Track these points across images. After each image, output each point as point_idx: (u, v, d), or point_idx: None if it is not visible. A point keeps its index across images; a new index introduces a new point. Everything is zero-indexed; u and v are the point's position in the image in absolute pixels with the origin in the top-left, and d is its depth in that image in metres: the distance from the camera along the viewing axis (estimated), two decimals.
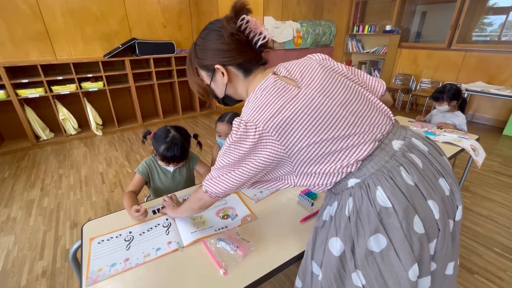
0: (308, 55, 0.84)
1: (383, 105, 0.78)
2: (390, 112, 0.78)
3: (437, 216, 0.67)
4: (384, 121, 0.75)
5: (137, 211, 1.04)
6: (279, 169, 0.75)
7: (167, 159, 1.25)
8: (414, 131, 0.78)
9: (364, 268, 0.67)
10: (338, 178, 0.71)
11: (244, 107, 0.74)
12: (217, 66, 0.75)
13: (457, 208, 0.74)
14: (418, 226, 0.64)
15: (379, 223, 0.64)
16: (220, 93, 0.83)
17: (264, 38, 0.74)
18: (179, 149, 1.24)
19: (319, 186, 0.74)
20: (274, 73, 0.76)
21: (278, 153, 0.69)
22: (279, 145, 0.68)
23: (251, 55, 0.75)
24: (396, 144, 0.71)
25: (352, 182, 0.71)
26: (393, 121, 0.77)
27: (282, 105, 0.68)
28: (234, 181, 0.75)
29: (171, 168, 1.34)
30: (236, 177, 0.74)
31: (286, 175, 0.77)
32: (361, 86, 0.79)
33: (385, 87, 0.85)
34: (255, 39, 0.73)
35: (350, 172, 0.70)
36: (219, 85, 0.81)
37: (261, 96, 0.71)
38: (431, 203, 0.66)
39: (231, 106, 0.90)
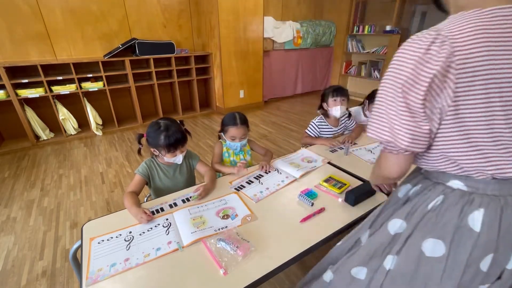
0: None
1: None
2: None
3: (509, 267, 0.62)
4: None
5: (145, 213, 1.05)
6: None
7: (172, 145, 1.24)
8: None
9: (404, 259, 0.66)
10: (449, 170, 0.65)
11: (448, 20, 0.61)
12: None
13: None
14: (484, 263, 0.60)
15: (452, 234, 0.61)
16: None
17: None
18: (177, 130, 1.26)
19: (427, 164, 0.69)
20: None
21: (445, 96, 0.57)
22: (451, 91, 0.57)
23: None
24: None
25: (455, 184, 0.65)
26: None
27: (492, 49, 0.54)
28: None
29: (179, 158, 1.31)
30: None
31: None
32: None
33: None
34: None
35: (468, 176, 0.62)
36: None
37: (478, 20, 0.55)
38: None
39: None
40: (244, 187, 1.30)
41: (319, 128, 1.90)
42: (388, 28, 4.73)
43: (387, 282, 0.71)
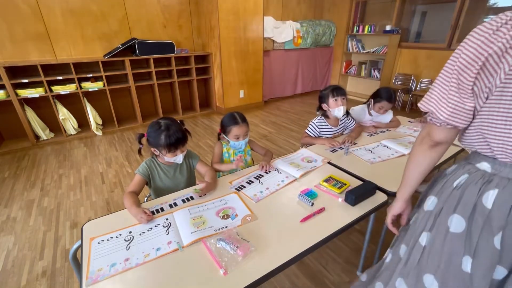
0: None
1: None
2: None
3: None
4: None
5: (145, 213, 1.05)
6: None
7: (173, 145, 1.25)
8: None
9: (435, 235, 0.69)
10: (480, 149, 0.68)
11: None
12: None
13: None
14: (497, 240, 0.63)
15: (471, 211, 0.65)
16: None
17: None
18: (178, 129, 1.26)
19: (465, 141, 0.72)
20: None
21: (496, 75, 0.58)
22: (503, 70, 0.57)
23: None
24: None
25: (482, 165, 0.68)
26: None
27: None
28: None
29: (180, 157, 1.31)
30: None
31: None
32: None
33: None
34: None
35: (495, 159, 0.66)
36: None
37: None
38: None
39: None
40: (244, 187, 1.30)
41: (319, 128, 1.90)
42: (388, 28, 4.74)
43: (423, 259, 0.74)
